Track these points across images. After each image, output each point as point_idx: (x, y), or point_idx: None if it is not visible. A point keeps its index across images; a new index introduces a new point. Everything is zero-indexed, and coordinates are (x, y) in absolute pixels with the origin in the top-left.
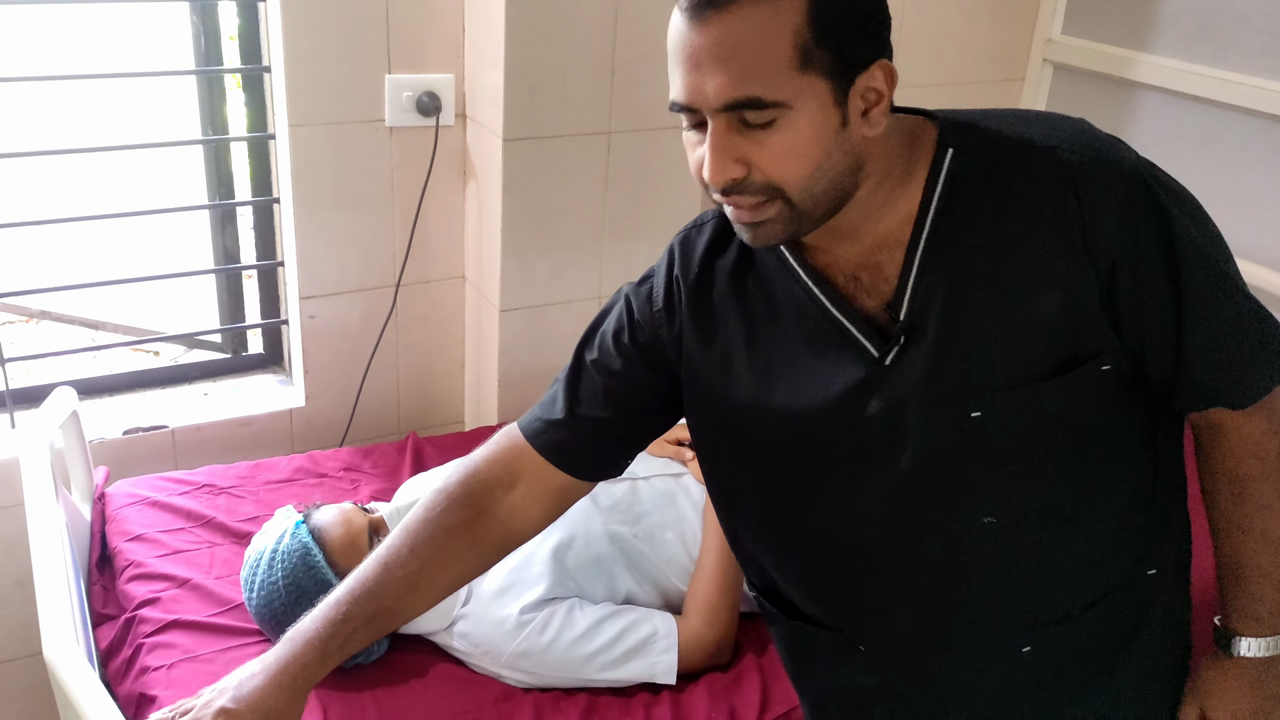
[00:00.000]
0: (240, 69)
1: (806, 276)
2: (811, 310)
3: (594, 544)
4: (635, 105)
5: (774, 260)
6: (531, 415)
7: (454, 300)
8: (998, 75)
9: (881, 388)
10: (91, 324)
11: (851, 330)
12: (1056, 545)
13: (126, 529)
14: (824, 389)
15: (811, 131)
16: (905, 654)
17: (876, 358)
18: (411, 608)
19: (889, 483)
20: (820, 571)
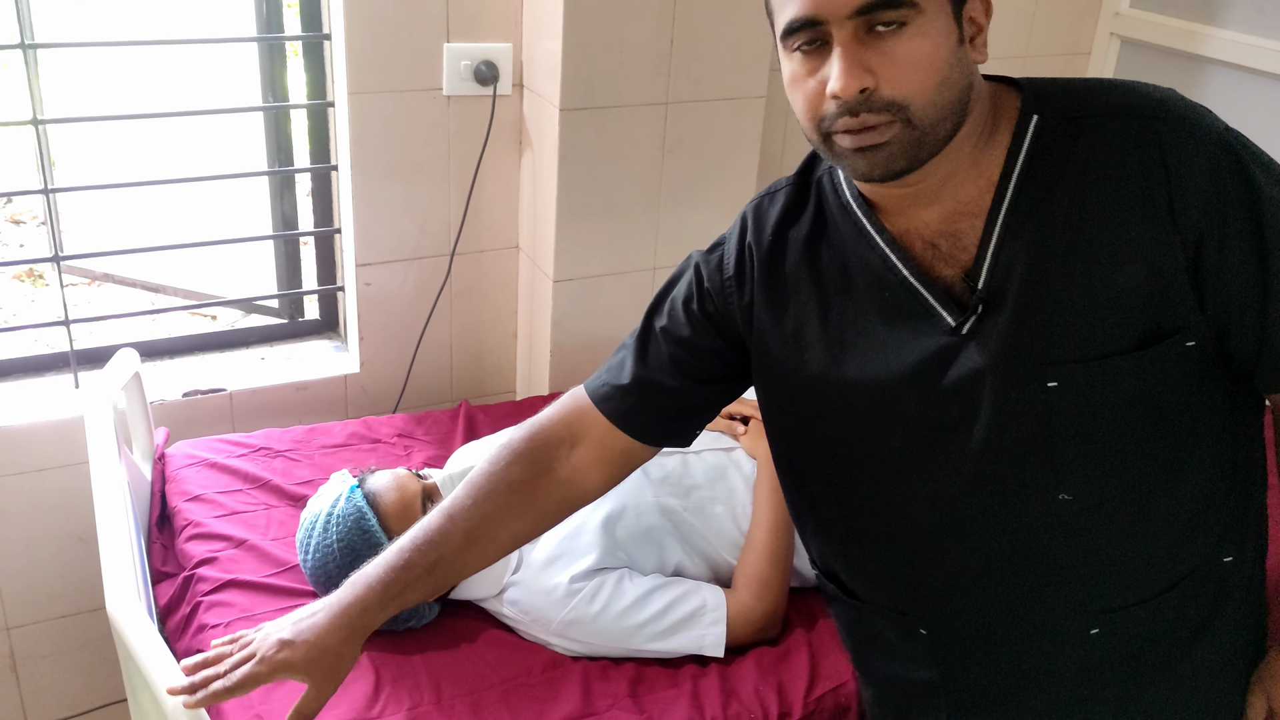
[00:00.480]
0: (301, 36)
1: (884, 243)
2: (888, 278)
3: (644, 515)
4: (694, 76)
5: (850, 227)
6: (599, 379)
7: (508, 270)
8: (1064, 49)
9: (957, 358)
10: (152, 287)
11: (928, 298)
12: (1133, 526)
13: (186, 489)
14: (898, 360)
15: (939, 39)
16: (970, 637)
17: (953, 327)
18: (471, 561)
19: (962, 457)
20: (887, 550)
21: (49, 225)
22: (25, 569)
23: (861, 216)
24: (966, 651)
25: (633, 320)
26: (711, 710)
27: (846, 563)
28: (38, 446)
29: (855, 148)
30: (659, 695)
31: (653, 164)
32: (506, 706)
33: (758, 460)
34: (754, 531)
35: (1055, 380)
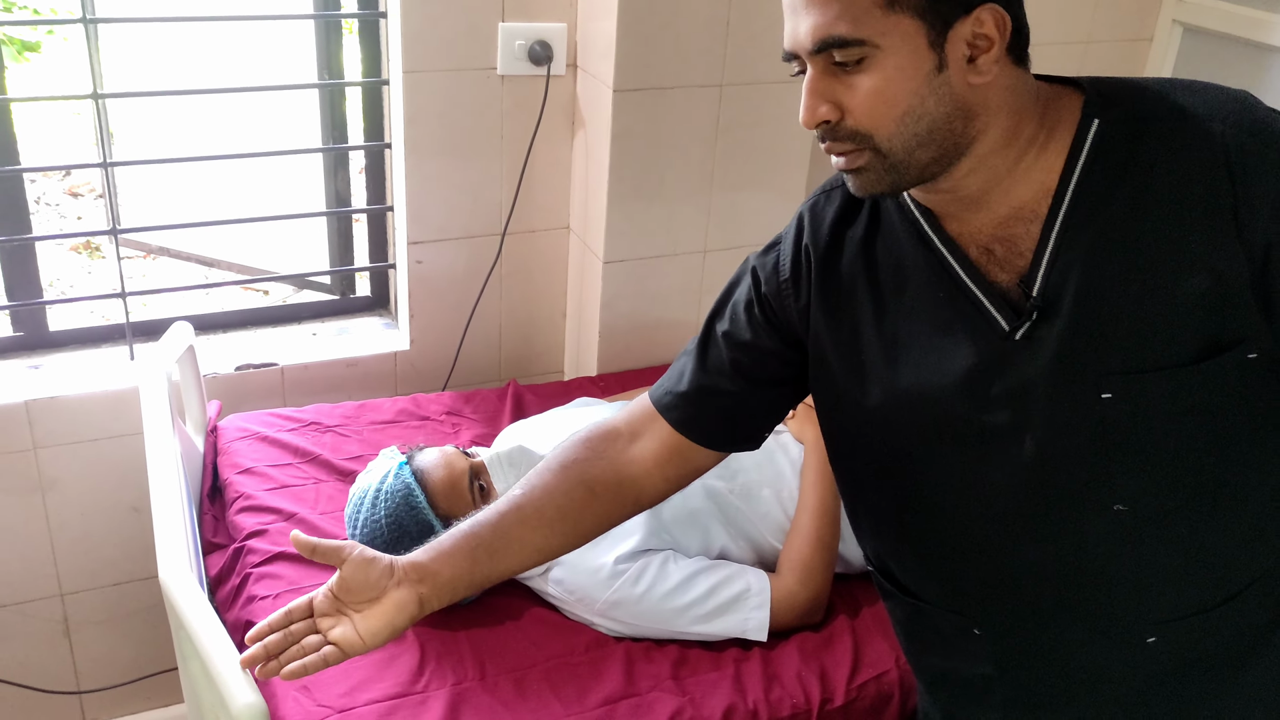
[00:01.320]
0: (357, 14)
1: (941, 244)
2: (943, 281)
3: (690, 498)
4: (749, 58)
5: (907, 228)
6: (661, 387)
7: (558, 250)
8: (1125, 36)
9: (1010, 366)
10: (207, 261)
11: (984, 302)
12: (1191, 538)
13: (237, 462)
14: (950, 365)
15: (899, 74)
16: (1024, 640)
17: (1006, 332)
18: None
19: (1013, 466)
20: (940, 554)
21: (106, 199)
22: (80, 537)
23: (920, 217)
24: (1021, 652)
25: (682, 303)
26: (754, 694)
27: (900, 562)
28: (93, 417)
29: (842, 169)
30: (701, 678)
31: (705, 146)
32: (549, 685)
33: (805, 444)
34: (800, 516)
35: (1110, 391)
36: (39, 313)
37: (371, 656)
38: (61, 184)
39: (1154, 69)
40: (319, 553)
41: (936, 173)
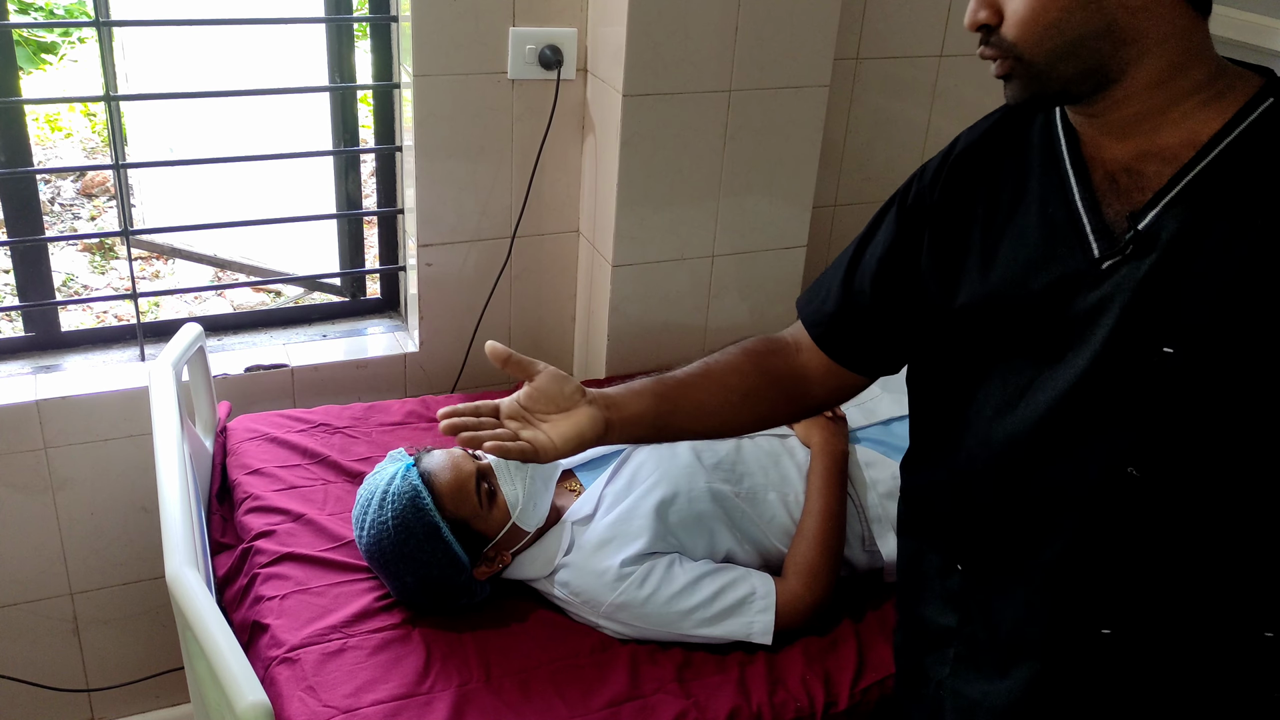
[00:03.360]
0: (369, 18)
1: (1069, 162)
2: (1057, 200)
3: (696, 501)
4: (757, 63)
5: (1044, 142)
6: (810, 304)
7: (567, 254)
8: None
9: (1089, 291)
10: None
11: (1086, 226)
12: (1190, 530)
13: (246, 462)
14: (1034, 280)
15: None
16: (997, 583)
17: (1096, 260)
18: (705, 408)
19: (1057, 393)
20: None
21: (119, 200)
22: (90, 536)
23: (1061, 134)
24: (984, 605)
25: (691, 306)
26: (758, 697)
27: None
28: (104, 417)
29: (995, 75)
30: (706, 681)
31: (714, 151)
32: (554, 686)
33: (811, 448)
34: (805, 520)
35: (1172, 347)
36: (50, 313)
37: (377, 657)
38: (75, 183)
39: None
40: (511, 363)
41: (1084, 92)
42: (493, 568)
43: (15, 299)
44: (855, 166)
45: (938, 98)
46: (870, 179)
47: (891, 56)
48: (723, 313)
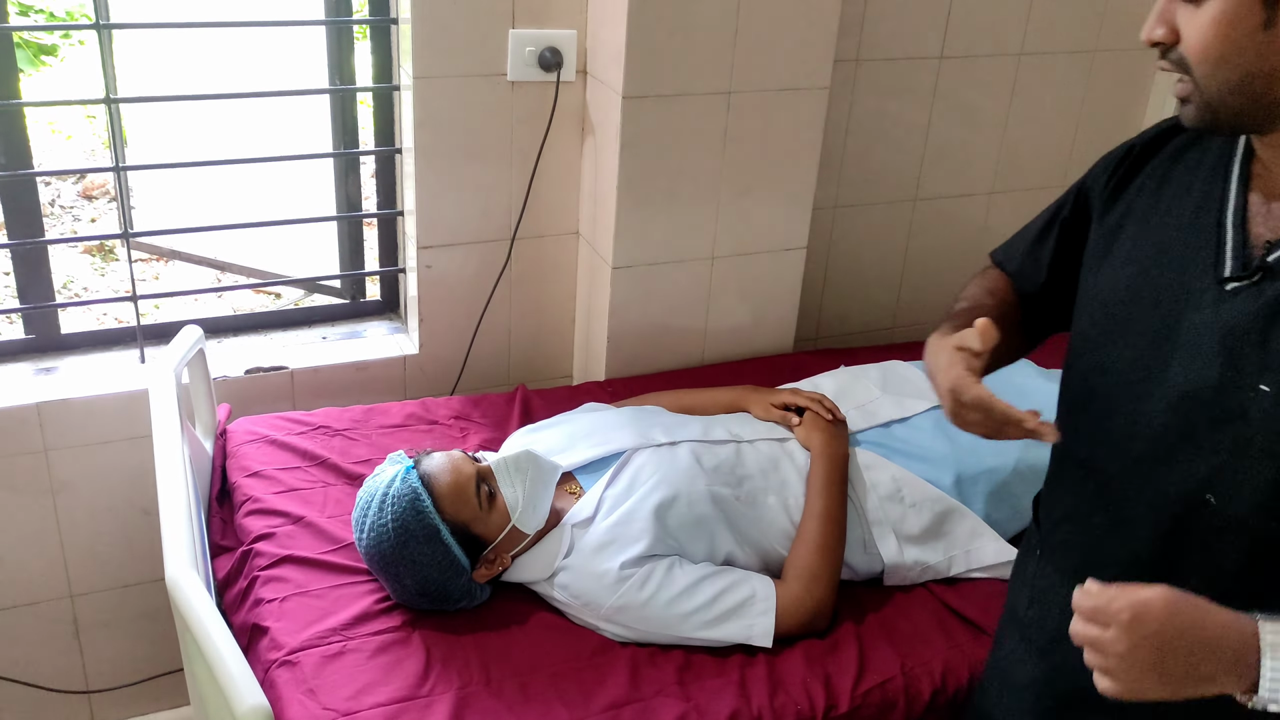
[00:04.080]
0: (368, 20)
1: (1236, 180)
2: (1214, 205)
3: (696, 504)
4: (757, 65)
5: (1219, 153)
6: (1004, 248)
7: (567, 255)
8: (1132, 45)
9: (1208, 308)
10: (218, 265)
11: (1227, 238)
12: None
13: (246, 465)
14: (1168, 275)
15: (1227, 17)
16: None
17: (1225, 277)
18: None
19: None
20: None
21: (119, 202)
22: (90, 538)
23: (1240, 148)
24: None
25: (690, 308)
26: (758, 700)
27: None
28: (104, 419)
29: (1175, 95)
30: (706, 684)
31: (714, 153)
32: (554, 689)
33: (811, 451)
34: (805, 523)
35: (1268, 386)
36: (51, 315)
37: (377, 660)
38: (76, 185)
39: (1161, 78)
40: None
41: (1255, 125)
42: (492, 570)
43: (15, 301)
44: (855, 168)
45: (938, 99)
46: (870, 180)
47: (891, 59)
48: (722, 315)
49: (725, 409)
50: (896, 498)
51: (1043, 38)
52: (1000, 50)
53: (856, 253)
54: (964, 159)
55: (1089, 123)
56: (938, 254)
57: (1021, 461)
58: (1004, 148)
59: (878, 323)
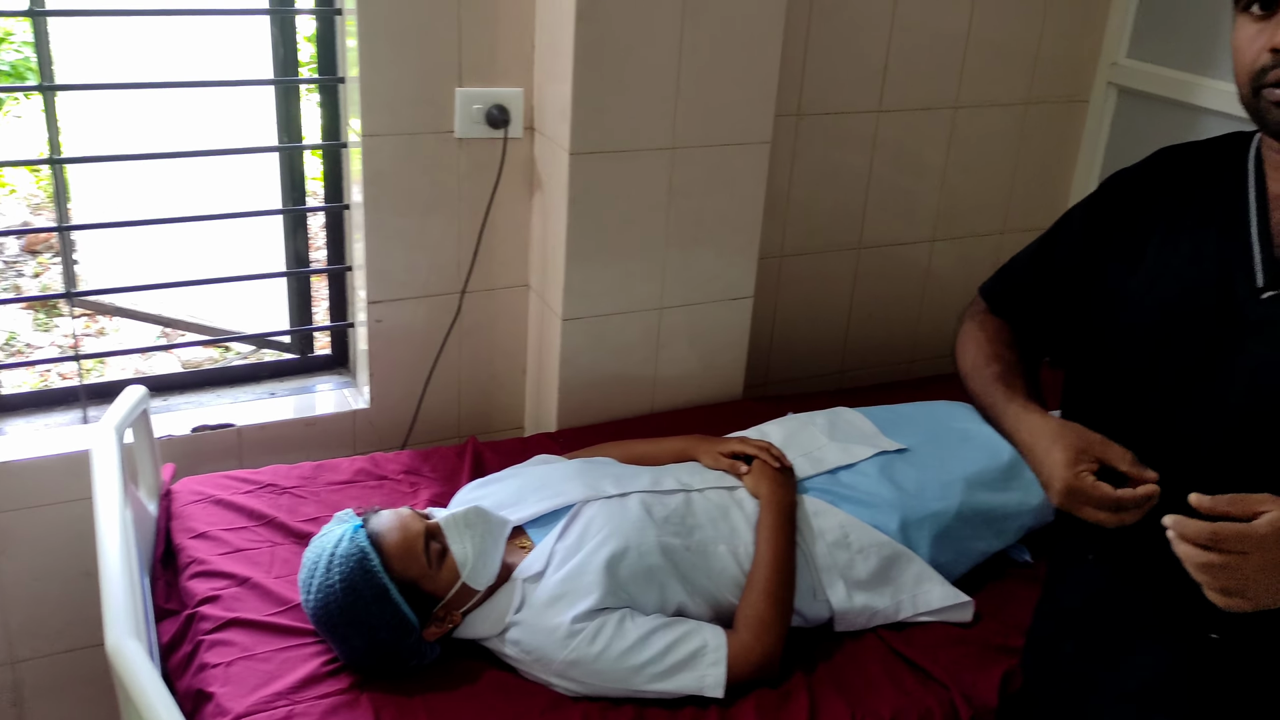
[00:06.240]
0: (315, 80)
1: (1254, 194)
2: (1238, 225)
3: (647, 555)
4: (700, 121)
5: (1235, 172)
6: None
7: (517, 308)
8: (1064, 96)
9: (1242, 320)
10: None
11: (1256, 253)
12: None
13: (191, 526)
14: (1203, 294)
15: None
16: (1116, 574)
17: (1257, 289)
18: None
19: (1196, 410)
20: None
21: (63, 262)
22: (32, 603)
23: (1251, 170)
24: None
25: (640, 358)
26: None
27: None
28: (46, 481)
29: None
30: None
31: (660, 206)
32: None
33: (760, 500)
34: (755, 571)
35: None
36: None
37: None
38: (19, 240)
39: (1091, 129)
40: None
41: None
42: (443, 628)
43: None
44: (801, 217)
45: (878, 150)
46: (815, 229)
47: (832, 112)
48: (672, 363)
49: (675, 458)
50: (844, 544)
51: (977, 91)
52: (937, 103)
53: (803, 300)
54: (905, 207)
55: (1023, 171)
56: (882, 300)
57: (965, 505)
58: (943, 196)
59: (826, 368)
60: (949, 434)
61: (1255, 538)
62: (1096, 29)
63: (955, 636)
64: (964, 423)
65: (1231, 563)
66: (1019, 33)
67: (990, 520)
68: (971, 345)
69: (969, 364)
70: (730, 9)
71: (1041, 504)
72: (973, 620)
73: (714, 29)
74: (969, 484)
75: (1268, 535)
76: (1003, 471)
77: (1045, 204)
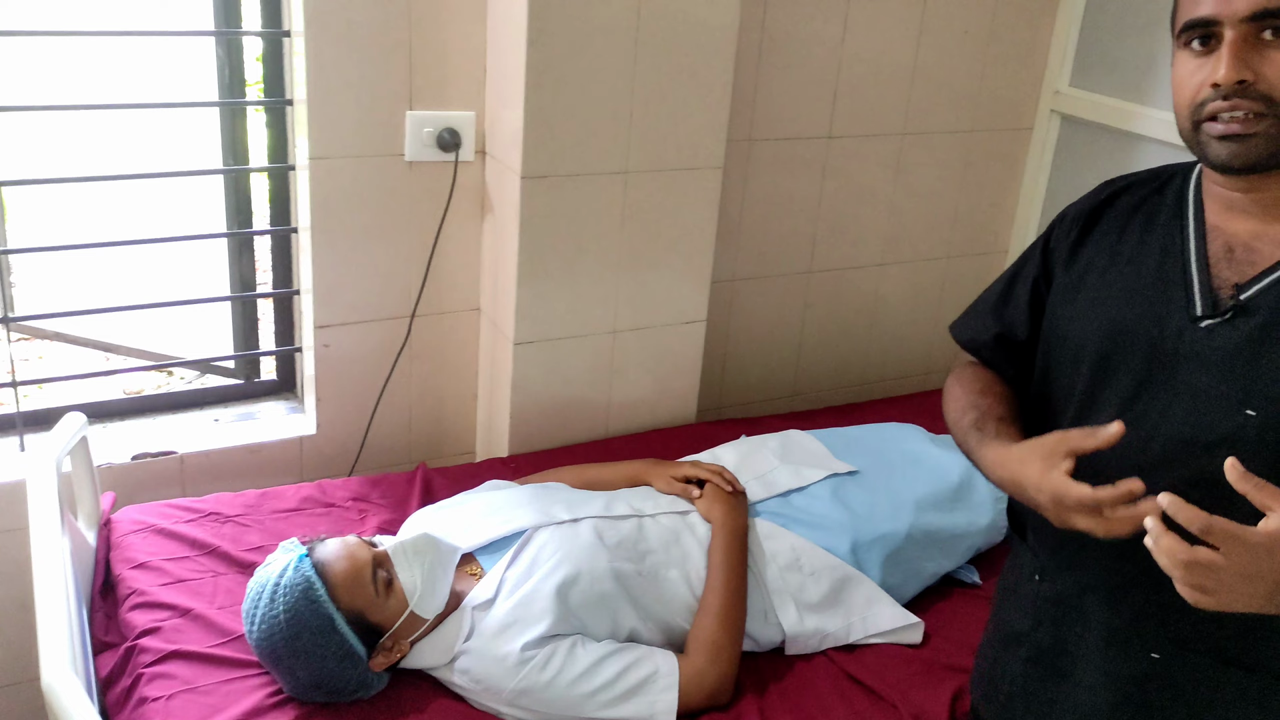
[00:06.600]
0: (263, 102)
1: (1193, 224)
2: (1177, 255)
3: (598, 581)
4: (653, 146)
5: (1174, 205)
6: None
7: (468, 332)
8: (1007, 125)
9: (1180, 348)
10: (105, 346)
11: (1195, 283)
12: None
13: (130, 556)
14: (1144, 323)
15: None
16: (1063, 594)
17: (1198, 317)
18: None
19: (1143, 434)
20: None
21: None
22: None
23: (1190, 201)
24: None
25: (592, 382)
26: None
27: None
28: None
29: (1222, 135)
30: None
31: (613, 230)
32: None
33: (712, 524)
34: (707, 595)
35: (1255, 410)
36: None
37: None
38: None
39: (1035, 156)
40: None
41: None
42: (390, 658)
43: None
44: (752, 242)
45: (828, 177)
46: (767, 254)
47: (783, 138)
48: (625, 388)
49: (627, 483)
50: (795, 567)
51: (923, 119)
52: (884, 130)
53: (755, 323)
54: (855, 232)
55: (969, 196)
56: (833, 323)
57: (915, 527)
58: (891, 221)
59: (778, 390)
60: (899, 456)
61: (1250, 545)
62: (1039, 59)
63: (905, 657)
64: (913, 445)
65: (1216, 562)
66: (964, 62)
67: (939, 541)
68: (951, 402)
69: (951, 420)
70: (682, 35)
71: (990, 524)
72: (922, 641)
73: (666, 54)
74: (918, 505)
75: (1260, 544)
76: (951, 493)
77: (991, 229)
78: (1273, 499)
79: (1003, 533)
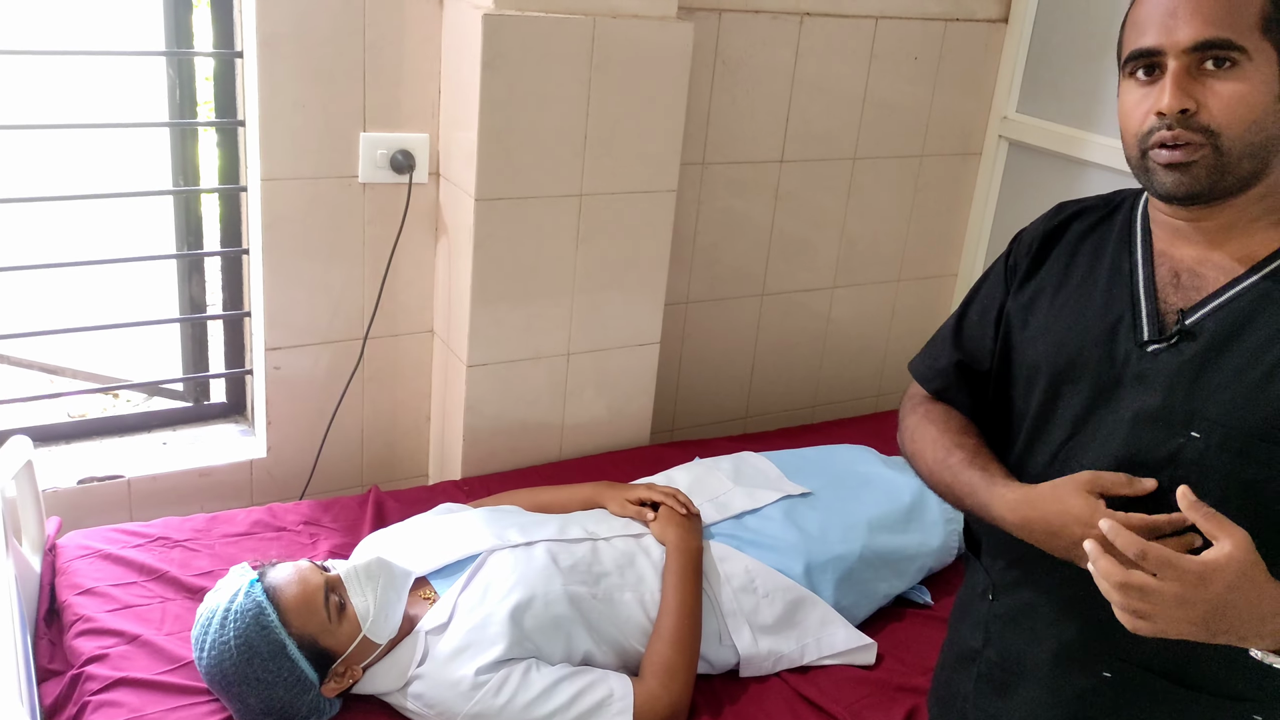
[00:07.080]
0: (215, 123)
1: (1141, 250)
2: (1122, 278)
3: (553, 604)
4: (607, 169)
5: (1123, 232)
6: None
7: (421, 354)
8: (956, 150)
9: (1127, 372)
10: (51, 369)
11: (1142, 308)
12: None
13: (76, 582)
14: (1092, 346)
15: (1260, 86)
16: (1012, 612)
17: (1144, 340)
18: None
19: (1095, 454)
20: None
21: None
22: None
23: (1138, 228)
24: (1006, 627)
25: (547, 405)
26: None
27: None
28: None
29: (1166, 163)
30: None
31: (567, 253)
32: None
33: (667, 546)
34: (662, 619)
35: (1199, 433)
36: None
37: None
38: None
39: (983, 180)
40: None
41: (1239, 189)
42: (342, 683)
43: None
44: (706, 264)
45: (781, 200)
46: (720, 276)
47: (736, 162)
48: (579, 410)
49: (582, 506)
50: (750, 589)
51: (874, 144)
52: (836, 154)
53: (709, 345)
54: (807, 255)
55: (919, 220)
56: (786, 344)
57: (867, 548)
58: (843, 244)
59: (731, 412)
60: (851, 477)
61: (1183, 572)
62: (987, 86)
63: (857, 678)
64: (866, 466)
65: (1149, 586)
66: (914, 89)
67: (892, 562)
68: (926, 445)
69: (929, 463)
70: (637, 59)
71: (942, 545)
72: (875, 662)
73: (621, 78)
74: (871, 527)
75: (1194, 571)
76: (904, 514)
77: (940, 252)
78: (1219, 529)
79: (954, 553)
